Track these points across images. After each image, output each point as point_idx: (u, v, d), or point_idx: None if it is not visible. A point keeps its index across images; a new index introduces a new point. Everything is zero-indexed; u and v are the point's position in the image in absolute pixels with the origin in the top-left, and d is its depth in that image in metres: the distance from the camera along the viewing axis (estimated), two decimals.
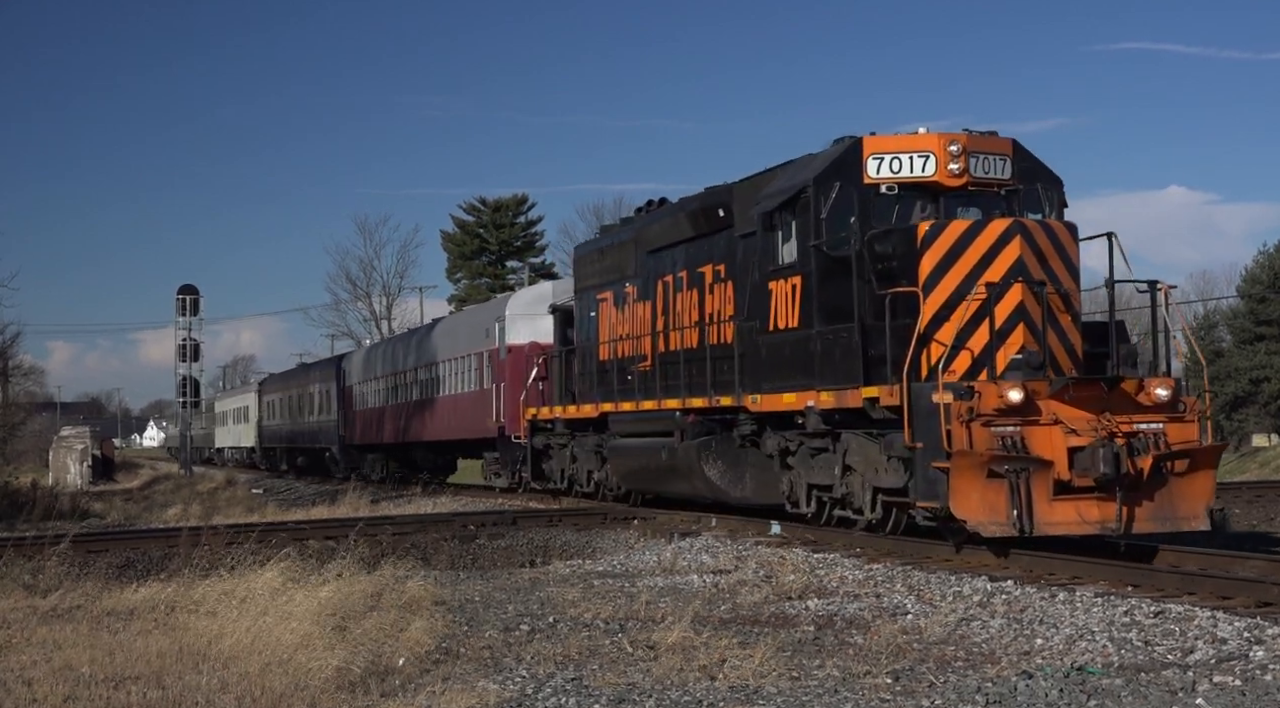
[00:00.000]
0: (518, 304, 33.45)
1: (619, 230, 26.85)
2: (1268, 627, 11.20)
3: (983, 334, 16.09)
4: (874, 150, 17.55)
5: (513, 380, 31.68)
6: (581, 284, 27.77)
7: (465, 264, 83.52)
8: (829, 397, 17.30)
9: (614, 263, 25.92)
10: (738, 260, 20.49)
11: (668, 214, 23.96)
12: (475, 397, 35.27)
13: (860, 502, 17.61)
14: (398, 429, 43.38)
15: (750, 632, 12.19)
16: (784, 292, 18.47)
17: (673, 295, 23.10)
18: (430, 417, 40.03)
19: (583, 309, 27.56)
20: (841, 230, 17.44)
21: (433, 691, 9.66)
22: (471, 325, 37.10)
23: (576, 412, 27.09)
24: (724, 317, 20.96)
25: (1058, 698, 9.02)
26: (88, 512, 33.39)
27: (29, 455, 68.92)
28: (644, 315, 24.35)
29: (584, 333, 27.51)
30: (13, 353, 62.07)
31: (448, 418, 38.22)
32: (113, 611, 14.31)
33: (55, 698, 9.88)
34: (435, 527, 22.61)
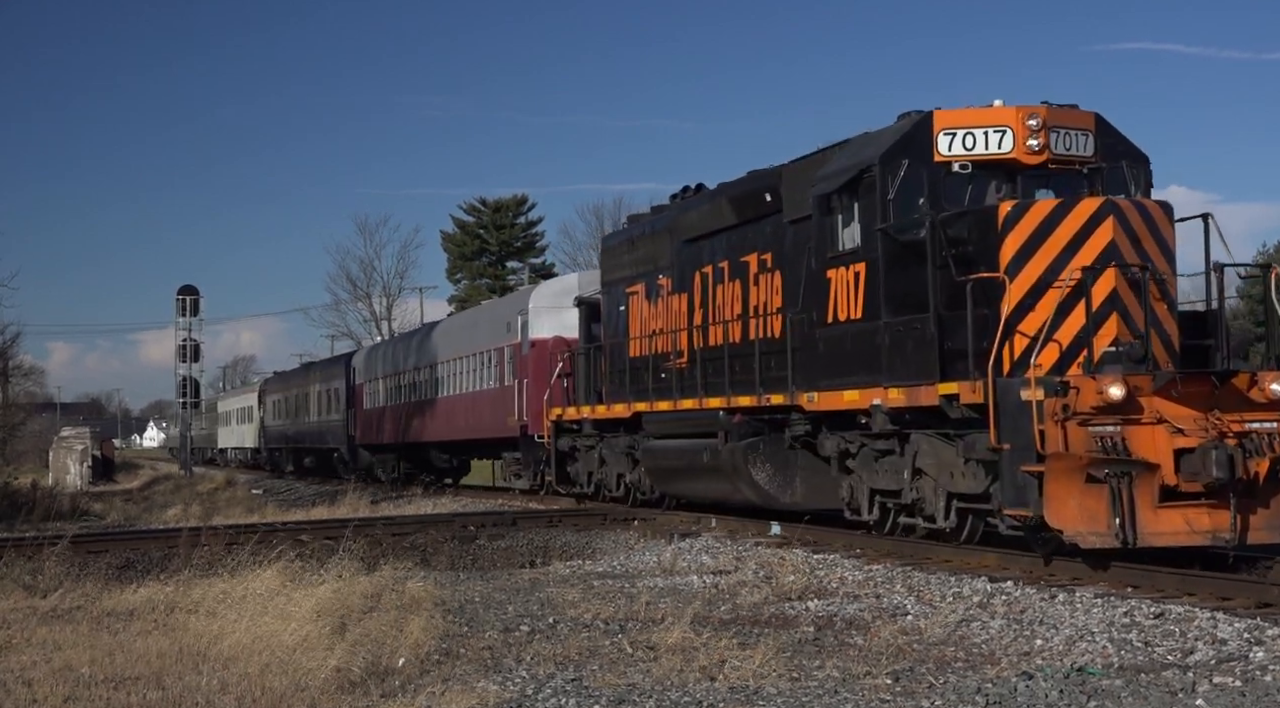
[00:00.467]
0: (542, 297, 31.54)
1: (650, 219, 25.50)
2: (1268, 628, 11.20)
3: (1072, 325, 14.77)
4: (945, 125, 16.28)
5: (536, 377, 30.18)
6: (609, 277, 26.53)
7: (465, 264, 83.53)
8: (898, 394, 16.05)
9: (646, 254, 24.70)
10: (786, 248, 19.32)
11: (706, 200, 22.66)
12: (495, 394, 33.62)
13: (932, 508, 16.32)
14: (410, 428, 41.85)
15: (750, 632, 12.18)
16: (845, 280, 17.18)
17: (712, 287, 21.91)
18: (445, 415, 38.46)
19: (611, 303, 26.35)
20: (910, 212, 16.21)
21: (433, 691, 9.65)
22: (491, 319, 35.50)
23: (606, 412, 25.69)
24: (771, 309, 19.80)
25: (1058, 699, 9.02)
26: (87, 512, 33.39)
27: (29, 456, 68.87)
28: (680, 309, 23.16)
29: (612, 328, 26.26)
30: (13, 353, 62.08)
31: (464, 417, 36.63)
32: (112, 611, 14.30)
33: (55, 698, 9.88)
34: (435, 527, 22.60)
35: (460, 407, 37.03)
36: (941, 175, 16.29)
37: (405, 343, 45.71)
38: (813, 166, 18.49)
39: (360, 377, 49.18)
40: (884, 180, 16.34)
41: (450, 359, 38.26)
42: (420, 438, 41.09)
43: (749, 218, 20.62)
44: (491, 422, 33.66)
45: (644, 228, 25.34)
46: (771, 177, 20.03)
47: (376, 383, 46.67)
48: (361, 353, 53.58)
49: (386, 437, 44.62)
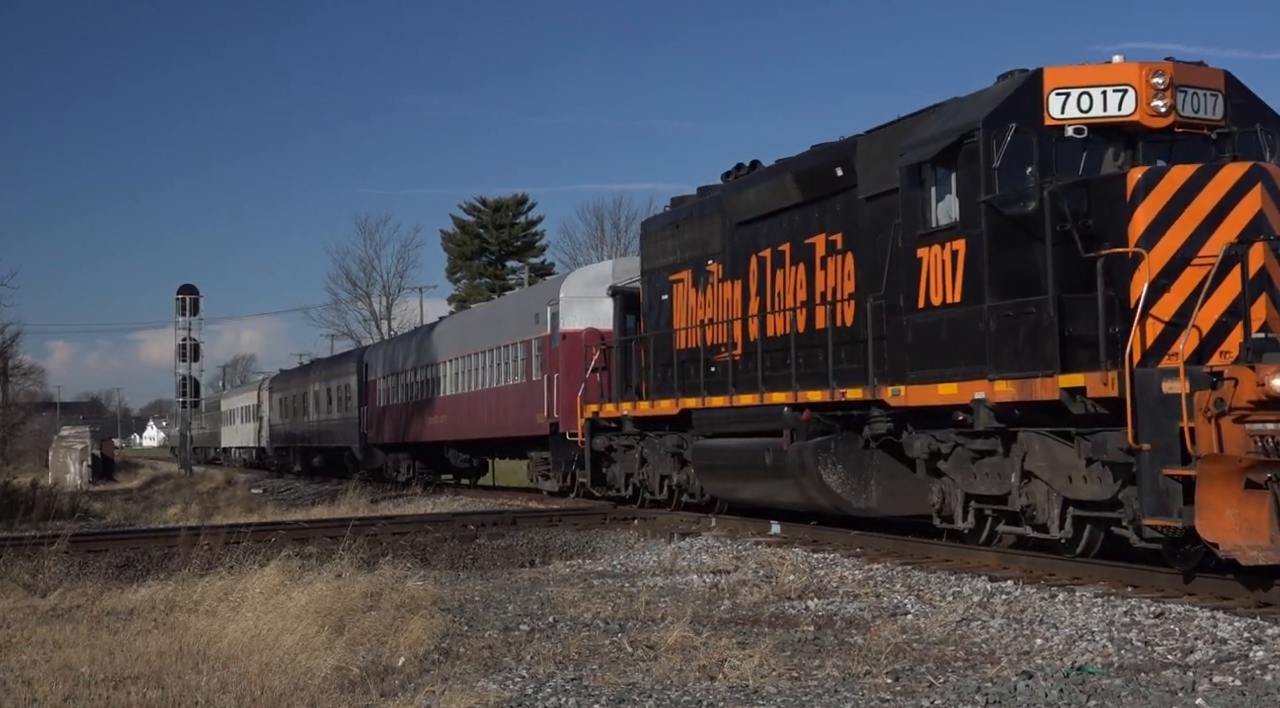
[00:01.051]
0: (574, 286, 29.76)
1: (697, 201, 23.52)
2: (1268, 627, 11.19)
3: (1213, 307, 13.13)
4: (1058, 84, 14.69)
5: (568, 372, 28.52)
6: (650, 264, 24.71)
7: (465, 264, 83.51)
8: (1008, 387, 14.42)
9: (693, 238, 22.94)
10: (861, 228, 17.74)
11: (765, 178, 20.79)
12: (522, 390, 31.83)
13: (1045, 516, 14.62)
14: (427, 426, 40.09)
15: (750, 632, 12.18)
16: (940, 260, 15.48)
17: (770, 273, 20.24)
18: (466, 413, 36.61)
19: (652, 292, 24.61)
20: (1016, 182, 14.64)
21: (432, 690, 9.65)
22: (517, 311, 33.56)
23: (650, 408, 23.91)
24: (843, 294, 18.26)
25: (1058, 698, 9.01)
26: (87, 512, 33.36)
27: (29, 455, 68.89)
28: (732, 297, 21.49)
29: (654, 318, 24.52)
30: (13, 353, 62.21)
31: (488, 414, 34.77)
32: (112, 610, 14.30)
33: (55, 698, 9.87)
34: (435, 527, 22.61)
35: (482, 404, 35.27)
36: (1053, 141, 14.68)
37: (422, 337, 43.66)
38: (897, 135, 16.93)
39: (373, 373, 47.24)
40: (988, 147, 14.73)
41: (472, 353, 36.51)
42: (438, 437, 39.48)
43: (815, 196, 19.01)
44: (518, 419, 32.09)
45: (690, 210, 23.58)
46: (843, 149, 18.43)
47: (391, 379, 44.90)
48: (375, 348, 51.63)
49: (401, 435, 42.87)
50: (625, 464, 25.54)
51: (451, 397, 38.05)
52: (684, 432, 23.03)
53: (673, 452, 23.46)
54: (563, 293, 29.62)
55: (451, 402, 37.97)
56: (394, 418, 43.68)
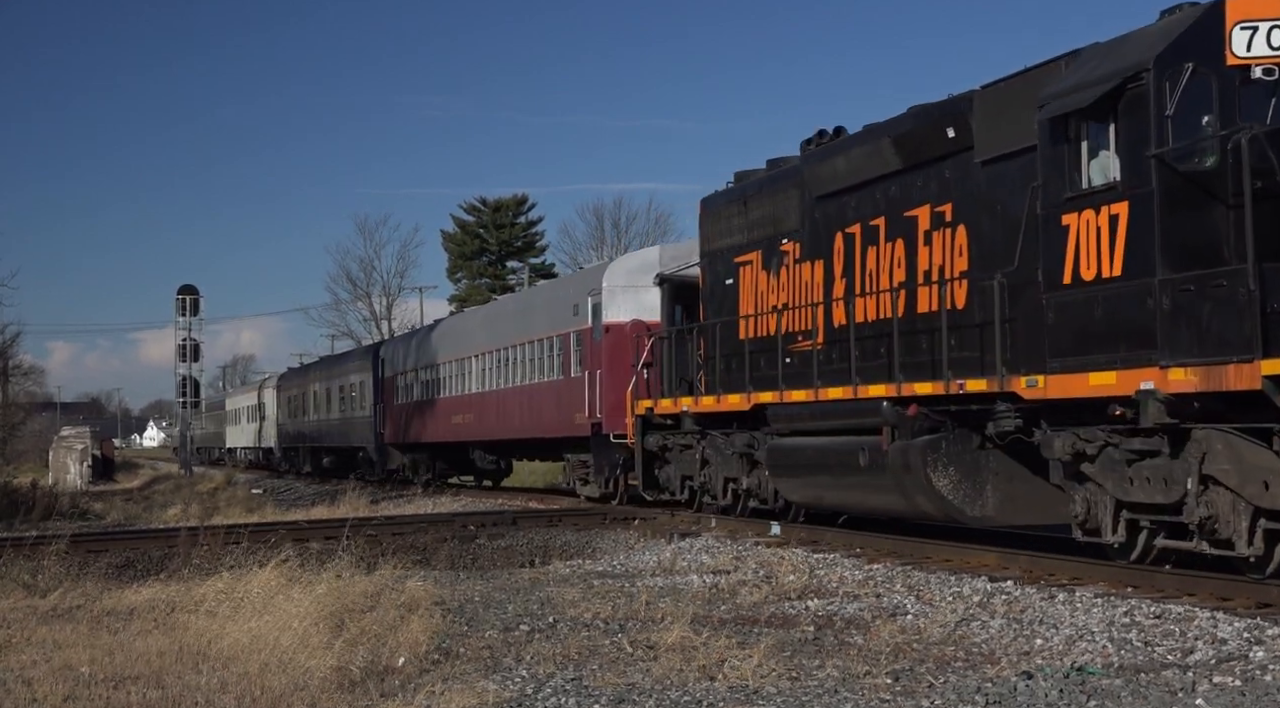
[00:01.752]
0: (617, 275, 27.54)
1: (769, 175, 21.27)
2: (1268, 627, 11.18)
3: None
4: (1243, 17, 12.64)
5: (612, 367, 26.43)
6: (712, 246, 22.57)
7: (465, 264, 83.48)
8: (1186, 375, 12.35)
9: (764, 216, 20.86)
10: (979, 195, 15.86)
11: (855, 144, 18.69)
12: (558, 387, 29.67)
13: (1229, 530, 12.47)
14: (450, 426, 37.87)
15: (750, 632, 12.18)
16: (1094, 227, 13.35)
17: (861, 250, 18.24)
18: (495, 411, 34.32)
19: (714, 276, 22.54)
20: (1193, 133, 12.69)
21: (432, 690, 9.64)
22: (552, 302, 31.18)
23: (715, 403, 21.69)
24: (953, 272, 16.32)
25: (1057, 698, 9.01)
26: (87, 512, 33.39)
27: (29, 455, 68.90)
28: (812, 279, 19.46)
29: (716, 305, 22.43)
30: (13, 353, 62.17)
31: (519, 413, 32.48)
32: (112, 610, 14.30)
33: (55, 698, 9.87)
34: (435, 527, 22.61)
35: (513, 402, 32.97)
36: (1235, 83, 12.68)
37: (444, 331, 41.47)
38: (1030, 86, 14.84)
39: (390, 369, 44.92)
40: (1160, 91, 12.72)
41: (500, 348, 34.22)
42: (462, 437, 37.40)
43: (918, 161, 17.03)
44: (554, 419, 29.89)
45: (760, 185, 21.31)
46: (955, 107, 16.39)
47: (410, 376, 42.60)
48: (392, 343, 49.23)
49: (421, 435, 40.78)
50: (682, 465, 23.47)
51: (478, 394, 35.84)
52: (754, 429, 20.87)
53: (741, 452, 21.28)
54: (605, 282, 27.44)
55: (478, 400, 35.80)
56: (413, 417, 41.71)
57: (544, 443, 32.04)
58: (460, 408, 37.09)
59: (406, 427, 42.06)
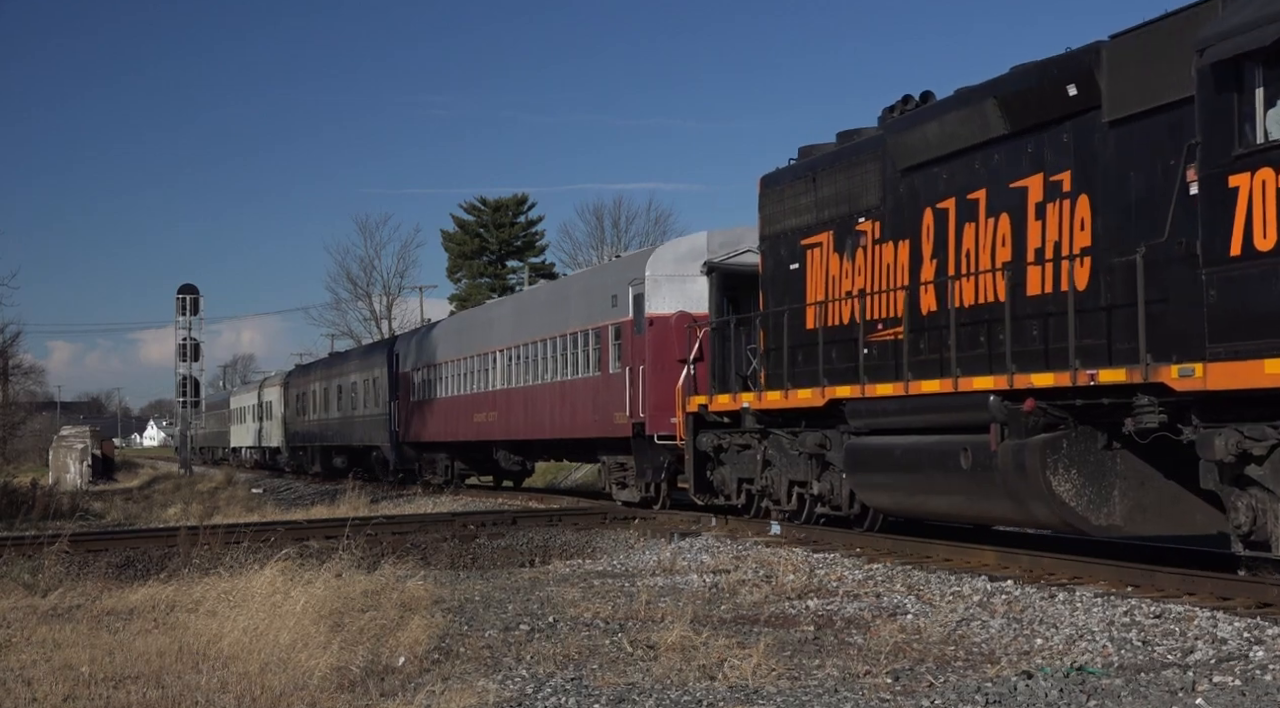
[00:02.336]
0: (662, 263, 25.51)
1: (841, 148, 19.43)
2: (1268, 627, 11.18)
3: None
4: None
5: (656, 362, 24.81)
6: (773, 227, 20.77)
7: (466, 264, 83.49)
8: None
9: (837, 192, 19.06)
10: (1107, 160, 14.16)
11: (951, 108, 16.76)
12: (595, 384, 27.70)
13: None
14: (472, 424, 35.99)
15: (750, 632, 12.18)
16: (1273, 188, 11.71)
17: (955, 228, 16.51)
18: (522, 410, 32.43)
19: (776, 261, 20.75)
20: None
21: (432, 690, 9.64)
22: (587, 292, 29.13)
23: (782, 399, 19.68)
24: (1072, 249, 14.59)
25: (1058, 698, 9.01)
26: (87, 511, 33.39)
27: (29, 455, 68.98)
28: (895, 261, 17.76)
29: (778, 293, 20.62)
30: (13, 352, 62.21)
31: (550, 412, 30.56)
32: (112, 610, 14.30)
33: (55, 698, 9.87)
34: (435, 527, 22.63)
35: (543, 400, 31.02)
36: None
37: (467, 325, 39.49)
38: (1179, 31, 13.10)
39: (407, 364, 42.83)
40: None
41: (529, 342, 32.17)
42: (485, 436, 35.43)
43: (1029, 125, 15.30)
44: (590, 418, 28.00)
45: (831, 160, 19.46)
46: (1078, 61, 14.51)
47: (428, 371, 40.72)
48: (408, 337, 46.55)
49: (440, 433, 39.05)
50: (739, 467, 21.59)
51: (503, 391, 33.84)
52: (827, 428, 18.97)
53: (811, 453, 19.36)
54: (649, 271, 25.39)
55: (503, 397, 33.80)
56: (432, 414, 39.87)
57: (577, 444, 30.23)
58: (483, 406, 35.29)
59: (424, 425, 40.51)
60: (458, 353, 37.92)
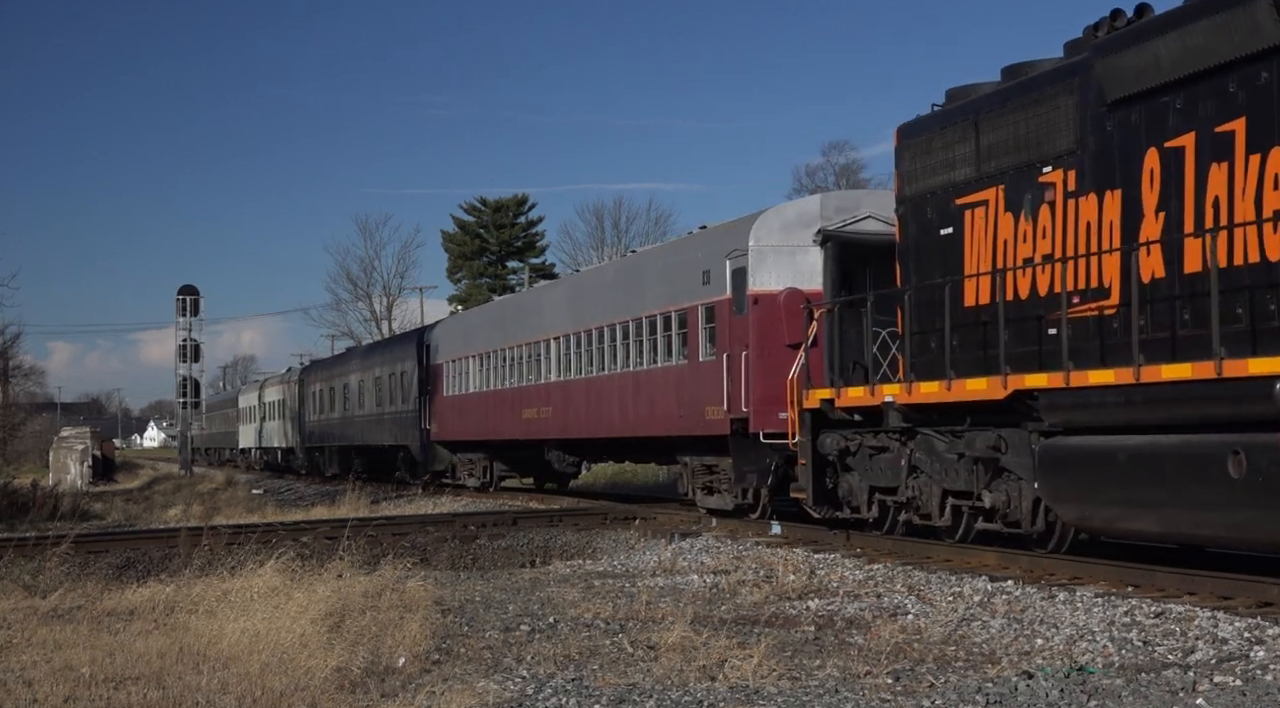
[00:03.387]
0: (768, 230, 21.89)
1: (1020, 83, 16.09)
2: (1268, 627, 11.19)
3: None
4: None
5: (761, 348, 21.39)
6: (916, 186, 17.55)
7: (466, 264, 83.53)
8: None
9: (1011, 137, 15.86)
10: None
11: (1192, 18, 13.38)
12: (680, 374, 24.26)
13: None
14: (521, 421, 32.30)
15: (750, 632, 12.17)
16: None
17: (1195, 170, 13.31)
18: (582, 403, 28.71)
19: (921, 226, 17.45)
20: None
21: (432, 691, 9.64)
22: (672, 268, 25.31)
23: (943, 392, 16.18)
24: None
25: (1058, 698, 9.01)
26: (88, 512, 33.39)
27: (29, 456, 68.98)
28: (1100, 217, 14.51)
29: (924, 264, 17.34)
30: (13, 353, 62.21)
31: (619, 405, 26.87)
32: (113, 611, 14.30)
33: (55, 698, 9.87)
34: (435, 527, 22.64)
35: (609, 392, 27.30)
36: None
37: (512, 310, 35.49)
38: None
39: (439, 355, 39.04)
40: None
41: (592, 328, 28.31)
42: (535, 434, 31.72)
43: None
44: (672, 413, 24.52)
45: (1003, 98, 16.20)
46: None
47: (465, 363, 36.92)
48: (442, 326, 42.51)
49: (480, 431, 35.44)
50: (873, 474, 18.02)
51: (559, 384, 30.04)
52: (1002, 426, 15.68)
53: (981, 457, 15.87)
54: (753, 241, 21.86)
55: (558, 390, 30.06)
56: (468, 410, 36.22)
57: (652, 443, 26.63)
58: (533, 400, 31.36)
59: (459, 422, 36.99)
60: (501, 342, 34.18)
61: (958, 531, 16.80)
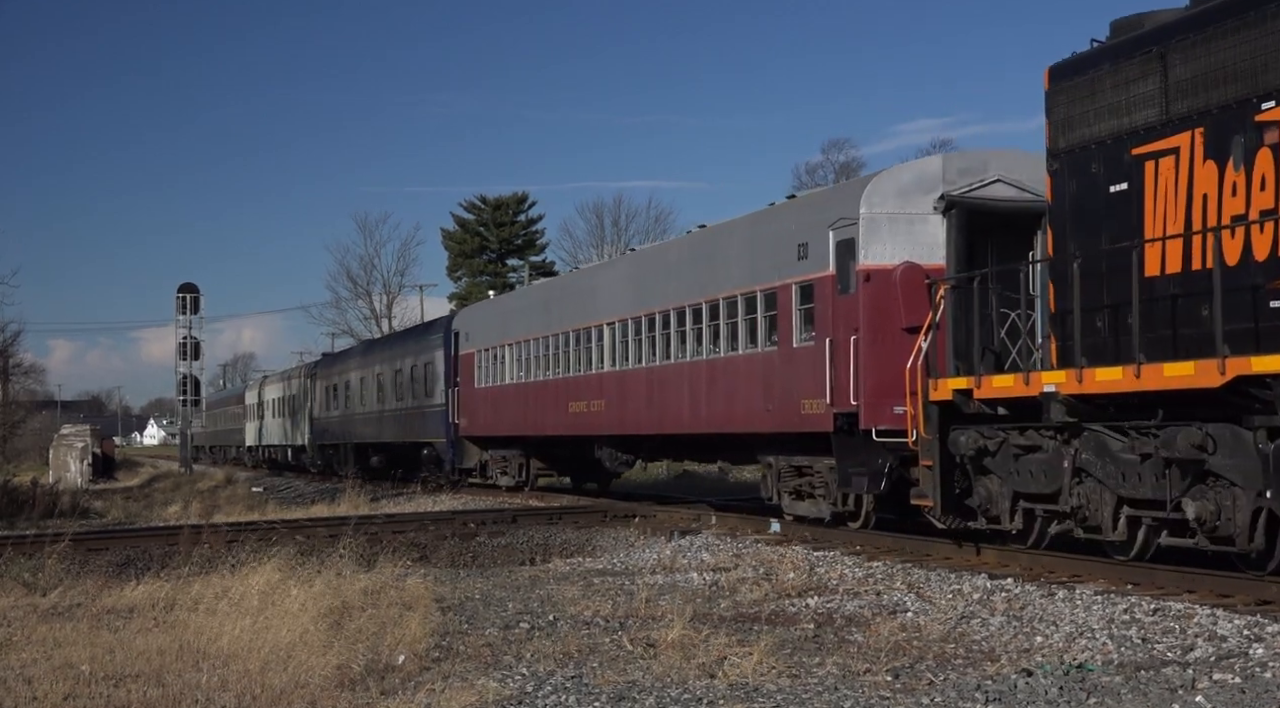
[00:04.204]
0: (881, 196, 18.96)
1: (1220, 4, 13.34)
2: (1267, 624, 11.20)
3: None
4: None
5: (874, 331, 18.57)
6: (1077, 136, 14.90)
7: (466, 262, 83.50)
8: None
9: (1215, 68, 13.07)
10: None
11: None
12: (768, 362, 21.21)
13: None
14: (567, 416, 29.12)
15: (750, 630, 12.18)
16: None
17: None
18: (643, 396, 25.47)
19: (1082, 184, 14.82)
20: None
21: (432, 688, 9.65)
22: (757, 242, 22.07)
23: (1129, 378, 13.42)
24: None
25: (1057, 696, 9.01)
26: (88, 510, 33.40)
27: (29, 454, 69.03)
28: None
29: (1085, 228, 14.73)
30: (13, 351, 62.25)
31: (692, 398, 23.64)
32: (113, 609, 14.30)
33: (55, 696, 9.87)
34: (435, 525, 22.64)
35: (678, 383, 24.15)
36: None
37: (558, 293, 31.89)
38: None
39: (469, 343, 36.02)
40: None
41: (656, 311, 25.02)
42: (584, 429, 28.47)
43: None
44: (758, 406, 21.40)
45: (1200, 23, 13.46)
46: None
47: (500, 352, 33.73)
48: (473, 312, 39.13)
49: (518, 426, 32.43)
50: (1020, 479, 15.33)
51: (614, 374, 26.79)
52: (1207, 419, 12.87)
53: (1181, 458, 13.06)
54: (864, 208, 18.94)
55: (613, 381, 26.80)
56: (504, 404, 33.07)
57: (726, 440, 23.74)
58: (583, 392, 28.16)
59: (493, 416, 33.89)
60: (544, 328, 30.80)
61: (1133, 546, 14.23)
